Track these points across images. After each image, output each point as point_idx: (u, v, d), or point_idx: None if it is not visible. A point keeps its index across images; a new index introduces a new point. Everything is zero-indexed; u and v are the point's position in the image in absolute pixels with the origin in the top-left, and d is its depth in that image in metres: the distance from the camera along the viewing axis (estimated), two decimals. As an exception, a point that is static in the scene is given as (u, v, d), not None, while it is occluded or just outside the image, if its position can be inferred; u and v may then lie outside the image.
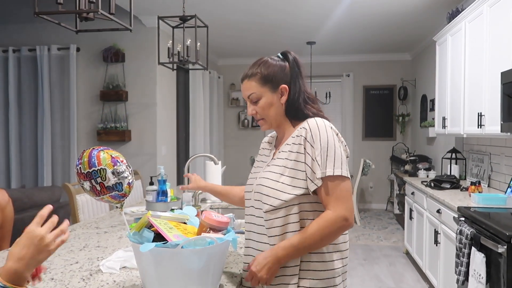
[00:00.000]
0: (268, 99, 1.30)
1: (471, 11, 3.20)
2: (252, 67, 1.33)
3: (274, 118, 1.32)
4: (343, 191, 1.21)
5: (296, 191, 1.22)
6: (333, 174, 1.20)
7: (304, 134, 1.24)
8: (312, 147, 1.22)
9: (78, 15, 1.78)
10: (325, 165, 1.20)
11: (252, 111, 1.33)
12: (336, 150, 1.22)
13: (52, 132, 4.77)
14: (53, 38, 4.79)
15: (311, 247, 1.21)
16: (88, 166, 1.12)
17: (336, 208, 1.20)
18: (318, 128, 1.24)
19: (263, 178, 1.29)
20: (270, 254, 1.20)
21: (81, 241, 1.82)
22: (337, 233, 1.22)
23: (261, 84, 1.30)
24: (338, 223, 1.20)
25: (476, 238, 2.19)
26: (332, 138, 1.23)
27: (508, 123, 2.44)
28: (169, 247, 1.05)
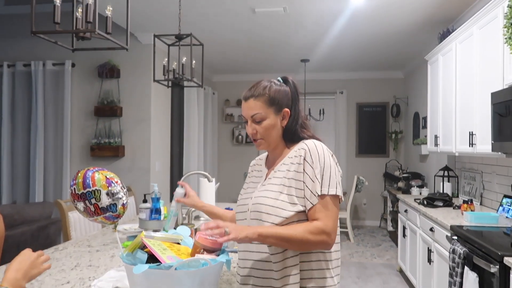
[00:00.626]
0: (272, 121, 1.33)
1: (461, 32, 3.27)
2: (257, 88, 1.35)
3: (273, 140, 1.36)
4: (333, 211, 1.26)
5: (295, 208, 1.26)
6: (327, 193, 1.25)
7: (303, 154, 1.29)
8: (311, 167, 1.26)
9: (75, 34, 1.80)
10: (321, 184, 1.25)
11: (253, 130, 1.34)
12: (332, 170, 1.28)
13: (45, 147, 4.74)
14: (49, 53, 4.81)
15: (288, 242, 1.21)
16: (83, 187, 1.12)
17: (325, 222, 1.23)
18: (317, 149, 1.29)
19: (261, 197, 1.31)
20: (249, 227, 1.21)
21: (73, 260, 1.80)
22: (317, 244, 1.24)
23: (267, 105, 1.33)
24: (322, 235, 1.23)
25: (469, 257, 2.19)
26: (329, 159, 1.29)
27: (498, 142, 2.47)
28: (162, 268, 1.04)
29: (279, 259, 1.26)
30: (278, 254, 1.26)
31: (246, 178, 1.52)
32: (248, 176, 1.51)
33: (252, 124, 1.34)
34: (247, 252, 1.34)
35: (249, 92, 1.36)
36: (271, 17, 4.13)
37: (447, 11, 3.91)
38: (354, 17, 4.11)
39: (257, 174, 1.45)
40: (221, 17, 4.15)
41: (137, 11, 3.94)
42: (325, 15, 4.08)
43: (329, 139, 7.27)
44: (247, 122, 1.37)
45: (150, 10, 3.94)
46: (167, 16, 4.06)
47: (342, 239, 6.02)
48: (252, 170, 1.51)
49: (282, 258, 1.26)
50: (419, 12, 3.97)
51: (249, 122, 1.35)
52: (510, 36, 2.30)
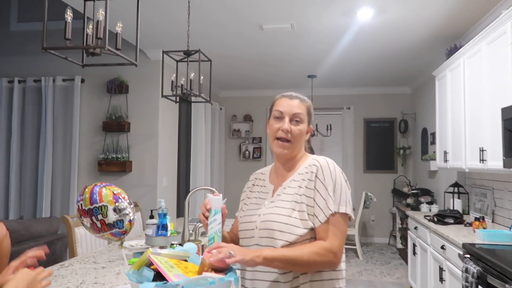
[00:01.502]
0: (305, 127, 1.38)
1: (469, 48, 3.27)
2: (301, 95, 1.42)
3: (299, 146, 1.37)
4: (341, 230, 1.24)
5: (308, 225, 1.24)
6: (338, 211, 1.23)
7: (315, 170, 1.28)
8: (323, 184, 1.25)
9: (85, 50, 1.81)
10: (333, 202, 1.23)
11: (289, 127, 1.33)
12: (343, 188, 1.27)
13: (53, 162, 4.77)
14: (59, 69, 4.88)
15: (295, 265, 1.19)
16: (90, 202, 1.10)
17: (332, 242, 1.21)
18: (329, 166, 1.29)
19: (271, 214, 1.28)
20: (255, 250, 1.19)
21: (78, 277, 1.78)
22: (323, 265, 1.22)
23: (307, 113, 1.39)
24: (329, 255, 1.20)
25: (483, 276, 2.13)
26: (340, 177, 1.28)
27: (510, 158, 2.43)
28: (169, 287, 1.02)
29: (288, 279, 1.23)
30: (287, 274, 1.23)
31: (246, 192, 1.49)
32: (249, 190, 1.48)
33: (289, 123, 1.34)
34: (256, 272, 1.30)
35: (295, 94, 1.40)
36: (278, 33, 4.16)
37: (455, 27, 3.92)
38: (361, 33, 4.12)
39: (261, 190, 1.42)
40: (229, 34, 4.19)
41: (146, 28, 3.99)
42: (332, 31, 4.10)
43: (337, 155, 7.23)
44: (280, 118, 1.35)
45: (159, 27, 3.99)
46: (176, 33, 4.11)
47: (350, 256, 5.92)
48: (253, 185, 1.48)
49: (291, 277, 1.23)
50: (426, 29, 3.98)
51: (286, 119, 1.34)
52: (520, 51, 2.29)
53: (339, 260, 1.23)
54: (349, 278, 4.87)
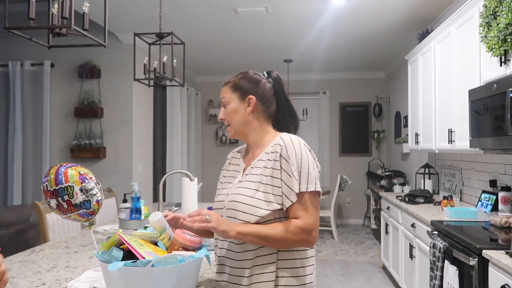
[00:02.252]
0: (234, 105, 1.36)
1: (440, 32, 3.33)
2: (232, 76, 1.42)
3: (237, 126, 1.37)
4: (313, 208, 1.24)
5: (271, 206, 1.23)
6: (306, 190, 1.22)
7: (279, 150, 1.26)
8: (287, 163, 1.24)
9: (50, 30, 1.76)
10: (299, 181, 1.22)
11: (222, 115, 1.40)
12: (310, 166, 1.25)
13: (23, 149, 4.63)
14: (26, 53, 4.71)
15: (267, 241, 1.21)
16: (55, 183, 1.08)
17: (305, 221, 1.22)
18: (293, 144, 1.26)
19: (236, 194, 1.28)
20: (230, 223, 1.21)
21: (49, 261, 1.76)
22: (297, 243, 1.23)
23: (232, 90, 1.37)
24: (302, 233, 1.21)
25: (448, 251, 2.23)
26: (306, 154, 1.27)
27: (476, 138, 2.52)
28: (138, 265, 1.02)
29: (254, 247, 1.24)
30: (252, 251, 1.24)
31: (223, 170, 1.50)
32: (225, 169, 1.49)
33: (222, 109, 1.40)
34: (223, 241, 1.32)
35: (225, 81, 1.41)
36: (253, 17, 4.13)
37: (426, 11, 3.98)
38: (335, 17, 4.14)
39: (235, 168, 1.43)
40: (203, 17, 4.13)
41: (118, 11, 3.89)
42: (307, 15, 4.10)
43: (313, 139, 7.31)
44: None
45: (131, 9, 3.89)
46: (148, 16, 4.02)
47: (326, 238, 6.05)
48: (229, 163, 1.49)
49: (257, 247, 1.24)
50: (399, 13, 4.03)
51: (221, 107, 1.40)
52: (486, 35, 2.35)
53: (314, 238, 1.23)
54: (324, 259, 4.99)
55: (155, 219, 1.17)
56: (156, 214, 1.17)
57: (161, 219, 1.18)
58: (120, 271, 1.01)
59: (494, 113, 2.27)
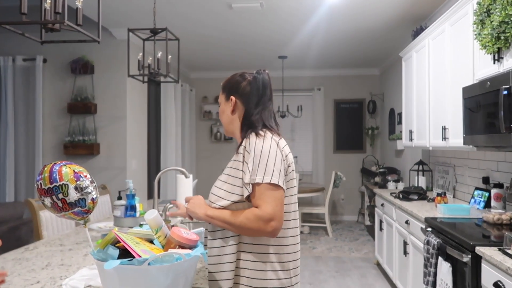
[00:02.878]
0: (222, 106, 1.47)
1: (434, 29, 3.34)
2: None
3: (225, 125, 1.47)
4: (272, 197, 1.24)
5: (232, 197, 1.29)
6: (261, 182, 1.24)
7: (245, 143, 1.33)
8: (248, 154, 1.29)
9: (43, 26, 1.73)
10: (256, 172, 1.25)
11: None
12: (270, 158, 1.26)
13: (15, 146, 4.59)
14: (18, 48, 4.65)
15: (231, 226, 1.27)
16: (49, 181, 1.07)
17: (263, 209, 1.23)
18: (257, 137, 1.31)
19: (213, 186, 1.38)
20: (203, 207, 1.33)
21: (44, 259, 1.74)
22: (255, 231, 1.24)
23: (221, 92, 1.48)
24: (259, 221, 1.22)
25: (442, 248, 2.24)
26: (269, 146, 1.28)
27: (470, 136, 2.54)
28: (135, 264, 1.02)
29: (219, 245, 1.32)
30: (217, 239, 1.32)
31: None
32: None
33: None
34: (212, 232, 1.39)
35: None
36: (248, 13, 4.11)
37: (421, 8, 3.99)
38: (330, 13, 4.14)
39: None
40: (197, 12, 4.10)
41: (111, 6, 3.85)
42: (302, 11, 4.09)
43: (307, 136, 7.32)
44: None
45: (125, 5, 3.86)
46: (142, 11, 3.98)
47: (320, 234, 6.08)
48: None
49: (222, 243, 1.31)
50: (394, 10, 4.03)
51: None
52: (480, 32, 2.36)
53: (273, 228, 1.22)
54: (318, 255, 5.01)
55: (151, 217, 1.16)
56: (152, 212, 1.17)
57: (157, 217, 1.17)
58: (116, 269, 1.01)
59: (487, 111, 2.29)
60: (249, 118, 1.39)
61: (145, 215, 1.17)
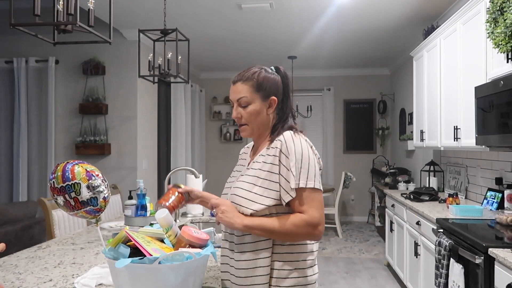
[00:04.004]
0: (257, 106, 1.31)
1: (445, 28, 3.31)
2: (246, 72, 1.33)
3: (257, 127, 1.33)
4: (317, 202, 1.23)
5: (267, 201, 1.23)
6: (305, 186, 1.22)
7: (279, 145, 1.25)
8: (287, 158, 1.23)
9: (56, 27, 1.76)
10: (299, 177, 1.22)
11: (238, 114, 1.32)
12: (310, 162, 1.25)
13: (28, 146, 4.65)
14: (31, 50, 4.72)
15: (274, 235, 1.21)
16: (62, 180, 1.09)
17: (310, 214, 1.21)
18: (293, 140, 1.26)
19: (236, 188, 1.29)
20: (239, 216, 1.22)
21: (56, 258, 1.77)
22: (303, 237, 1.23)
23: (254, 90, 1.31)
24: (307, 227, 1.21)
25: (454, 249, 2.22)
26: (307, 150, 1.26)
27: (482, 136, 2.51)
28: (146, 262, 1.02)
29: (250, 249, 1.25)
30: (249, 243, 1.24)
31: (235, 166, 1.52)
32: (236, 165, 1.51)
33: (237, 108, 1.32)
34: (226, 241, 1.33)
35: (238, 76, 1.33)
36: (257, 13, 4.12)
37: (432, 7, 3.95)
38: (340, 13, 4.12)
39: (243, 163, 1.44)
40: (207, 13, 4.12)
41: (122, 7, 3.89)
42: (311, 11, 4.08)
43: (317, 136, 7.30)
44: (232, 106, 1.35)
45: (135, 6, 3.89)
46: (152, 12, 4.01)
47: (330, 235, 6.05)
48: (240, 158, 1.50)
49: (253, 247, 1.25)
50: (404, 9, 4.00)
51: (234, 105, 1.33)
52: (493, 31, 2.33)
53: (320, 232, 1.22)
54: (328, 256, 4.99)
55: (161, 216, 1.16)
56: (163, 211, 1.17)
57: (168, 216, 1.17)
58: (127, 268, 1.02)
59: (500, 110, 2.25)
60: (283, 116, 1.34)
61: (156, 214, 1.17)
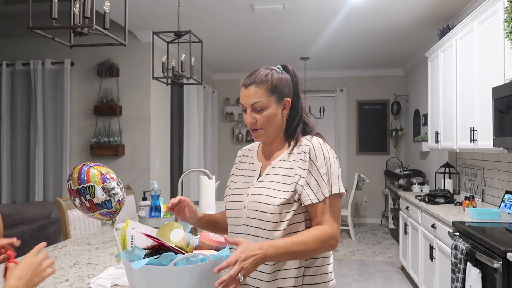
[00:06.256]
0: (273, 110, 1.26)
1: (461, 28, 3.25)
2: (258, 74, 1.26)
3: (273, 130, 1.28)
4: (337, 211, 1.24)
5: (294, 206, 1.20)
6: (332, 193, 1.22)
7: (308, 150, 1.23)
8: (315, 166, 1.22)
9: (72, 30, 1.78)
10: (329, 185, 1.22)
11: (253, 119, 1.25)
12: (336, 168, 1.25)
13: (44, 146, 4.73)
14: (48, 52, 4.79)
15: (298, 255, 1.16)
16: (78, 182, 1.10)
17: (332, 226, 1.21)
18: (322, 147, 1.25)
19: (260, 195, 1.24)
20: (260, 248, 1.07)
21: (72, 258, 1.79)
22: (326, 249, 1.22)
23: (270, 93, 1.25)
24: (331, 240, 1.20)
25: (471, 253, 2.18)
26: (333, 157, 1.27)
27: (500, 138, 2.46)
28: (162, 263, 1.03)
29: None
30: None
31: (233, 169, 1.42)
32: (236, 168, 1.42)
33: (251, 113, 1.26)
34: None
35: (250, 79, 1.26)
36: (270, 14, 4.11)
37: (447, 7, 3.89)
38: (353, 13, 4.09)
39: (249, 167, 1.36)
40: (220, 15, 4.13)
41: (136, 10, 3.92)
42: (324, 12, 4.06)
43: (330, 137, 7.25)
44: (245, 111, 1.28)
45: (149, 8, 3.92)
46: (166, 14, 4.04)
47: (343, 237, 6.01)
48: (240, 162, 1.42)
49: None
50: (419, 9, 3.95)
51: (248, 111, 1.26)
52: (511, 30, 2.28)
53: (338, 242, 1.23)
54: (341, 258, 4.95)
55: (178, 239, 1.13)
56: (178, 233, 1.14)
57: (184, 236, 1.14)
58: (143, 269, 1.02)
59: (519, 112, 2.21)
60: (296, 116, 1.31)
61: (171, 237, 1.14)
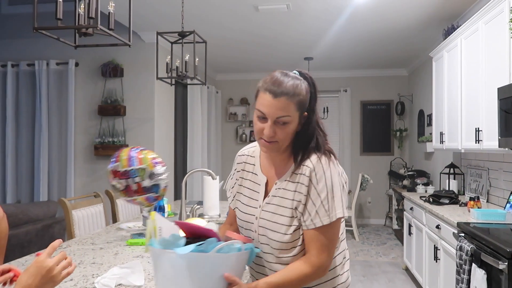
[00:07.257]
0: (295, 125, 1.17)
1: (466, 27, 3.24)
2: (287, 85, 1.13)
3: (287, 143, 1.20)
4: (331, 239, 1.18)
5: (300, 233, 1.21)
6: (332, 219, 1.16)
7: (308, 174, 1.17)
8: (315, 190, 1.16)
9: (77, 30, 1.79)
10: (328, 210, 1.16)
11: (272, 133, 1.14)
12: (339, 191, 1.18)
13: (49, 146, 4.75)
14: (52, 53, 4.81)
15: None
16: (128, 164, 1.07)
17: (321, 257, 1.17)
18: (323, 169, 1.17)
19: (269, 222, 1.22)
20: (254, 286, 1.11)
21: (76, 257, 1.79)
22: (313, 280, 1.20)
23: (297, 108, 1.15)
24: (318, 271, 1.18)
25: (476, 254, 2.17)
26: (337, 179, 1.18)
27: (505, 138, 2.44)
28: (206, 251, 1.01)
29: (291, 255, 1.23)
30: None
31: (236, 174, 1.38)
32: (242, 177, 1.35)
33: (273, 126, 1.13)
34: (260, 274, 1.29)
35: (280, 88, 1.13)
36: (274, 14, 4.11)
37: (452, 7, 3.88)
38: (357, 13, 4.08)
39: (254, 179, 1.31)
40: (224, 15, 4.13)
41: (140, 10, 3.93)
42: (328, 12, 4.05)
43: (334, 137, 7.24)
44: (264, 119, 1.15)
45: (153, 9, 3.93)
46: (170, 15, 4.05)
47: (347, 238, 5.94)
48: (243, 169, 1.35)
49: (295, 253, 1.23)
50: (423, 9, 3.93)
51: (269, 121, 1.13)
52: (517, 30, 2.27)
53: (327, 269, 1.20)
54: (345, 259, 4.94)
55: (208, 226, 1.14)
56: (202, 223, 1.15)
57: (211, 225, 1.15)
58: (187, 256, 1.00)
59: (525, 112, 2.19)
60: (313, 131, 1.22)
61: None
